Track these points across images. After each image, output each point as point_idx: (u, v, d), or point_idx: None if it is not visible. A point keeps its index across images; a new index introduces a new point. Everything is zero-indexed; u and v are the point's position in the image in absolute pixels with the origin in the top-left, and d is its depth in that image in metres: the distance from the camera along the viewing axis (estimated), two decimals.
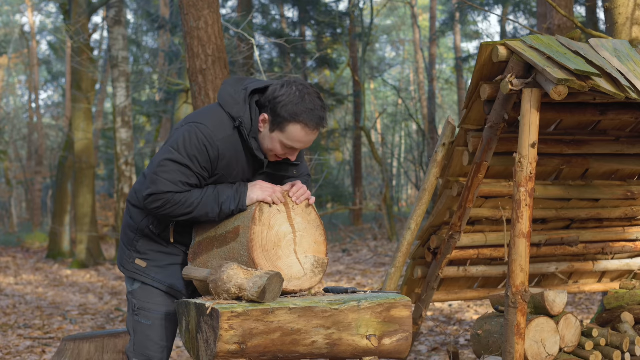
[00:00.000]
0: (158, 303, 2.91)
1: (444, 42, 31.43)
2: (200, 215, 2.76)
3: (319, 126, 2.73)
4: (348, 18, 18.49)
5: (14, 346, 6.11)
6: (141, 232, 2.92)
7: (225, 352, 2.42)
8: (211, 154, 2.73)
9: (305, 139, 2.74)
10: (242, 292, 2.51)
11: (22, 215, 29.98)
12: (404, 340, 2.66)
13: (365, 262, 12.06)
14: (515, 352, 3.36)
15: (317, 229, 2.82)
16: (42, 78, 31.51)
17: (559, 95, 3.17)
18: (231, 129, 2.76)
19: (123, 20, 13.03)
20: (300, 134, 2.71)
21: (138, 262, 2.93)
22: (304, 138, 2.73)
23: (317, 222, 2.83)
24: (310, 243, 2.79)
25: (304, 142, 2.75)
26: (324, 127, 2.81)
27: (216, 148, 2.73)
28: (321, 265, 2.79)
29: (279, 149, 2.77)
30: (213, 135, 2.73)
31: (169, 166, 2.71)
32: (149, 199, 2.74)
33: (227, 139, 2.75)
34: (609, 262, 5.06)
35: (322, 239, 2.83)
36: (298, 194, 2.81)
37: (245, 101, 2.78)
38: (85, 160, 13.96)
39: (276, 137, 2.75)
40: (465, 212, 4.19)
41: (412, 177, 24.56)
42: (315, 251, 2.79)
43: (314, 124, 2.71)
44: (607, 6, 4.86)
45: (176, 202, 2.73)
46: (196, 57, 5.57)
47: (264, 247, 2.68)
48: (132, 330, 2.93)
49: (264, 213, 2.72)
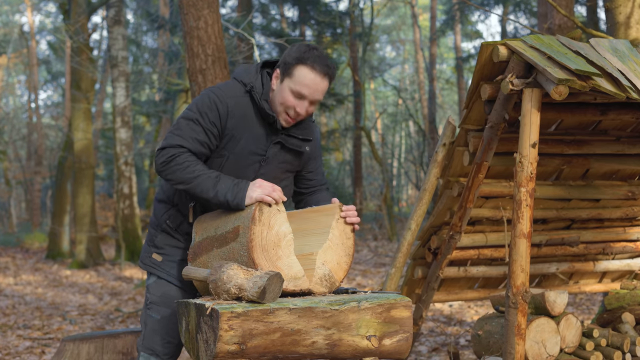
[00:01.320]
0: (171, 297, 2.95)
1: (444, 42, 31.44)
2: (195, 191, 2.74)
3: (327, 74, 2.78)
4: (348, 18, 18.50)
5: (14, 346, 6.11)
6: (160, 227, 2.99)
7: (225, 353, 2.41)
8: (221, 110, 2.79)
9: (313, 84, 2.76)
10: (242, 292, 2.50)
11: (21, 215, 29.98)
12: (404, 340, 2.66)
13: (365, 262, 12.06)
14: (516, 352, 3.36)
15: (346, 255, 2.83)
16: (42, 78, 31.52)
17: (559, 95, 3.16)
18: (242, 93, 2.85)
19: (123, 20, 13.03)
20: (308, 76, 2.75)
21: (154, 257, 2.99)
22: (312, 82, 2.76)
23: (349, 250, 2.84)
24: (334, 260, 2.81)
25: (312, 87, 2.76)
26: (331, 77, 2.82)
27: (225, 105, 2.80)
28: (331, 282, 2.78)
29: (290, 99, 2.78)
30: (224, 94, 2.82)
31: (181, 123, 2.80)
32: (160, 153, 2.76)
33: (238, 99, 2.83)
34: (609, 263, 5.05)
35: (345, 267, 2.84)
36: (350, 213, 2.82)
37: (257, 71, 2.89)
38: (84, 160, 13.95)
39: (286, 85, 2.79)
40: (465, 212, 4.18)
41: (412, 177, 24.57)
42: (334, 270, 2.81)
43: (321, 68, 2.76)
44: (608, 6, 4.86)
45: (181, 162, 2.73)
46: (196, 57, 5.56)
47: (263, 247, 2.66)
48: (144, 323, 3.00)
49: (263, 213, 2.69)
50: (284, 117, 2.85)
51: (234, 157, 2.86)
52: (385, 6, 24.39)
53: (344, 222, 2.82)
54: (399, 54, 34.67)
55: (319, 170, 3.10)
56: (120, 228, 13.42)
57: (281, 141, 2.90)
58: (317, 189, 3.12)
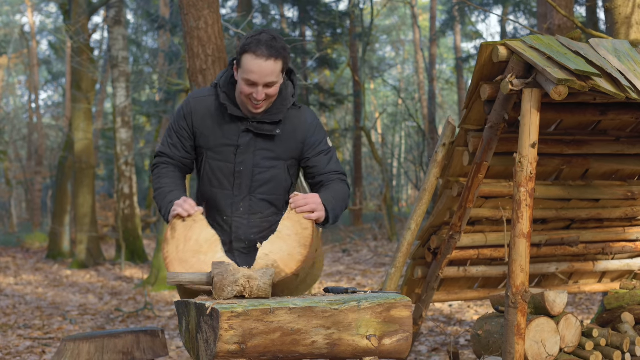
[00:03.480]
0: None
1: (444, 42, 31.44)
2: (156, 202, 3.06)
3: (271, 55, 2.83)
4: (348, 18, 18.49)
5: (14, 346, 6.11)
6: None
7: (225, 352, 2.42)
8: (185, 111, 3.04)
9: (258, 69, 2.82)
10: (251, 281, 2.54)
11: (22, 215, 29.99)
12: (404, 340, 2.66)
13: (365, 262, 12.06)
14: (516, 352, 3.36)
15: (300, 246, 2.78)
16: (42, 78, 31.52)
17: (559, 95, 3.17)
18: (208, 91, 3.06)
19: (123, 21, 13.03)
20: (252, 62, 2.82)
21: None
22: (257, 67, 2.82)
23: (305, 241, 2.79)
24: (283, 251, 2.77)
25: (258, 72, 2.83)
26: (279, 56, 2.85)
27: (188, 106, 3.04)
28: (269, 275, 2.64)
29: (245, 88, 2.89)
30: (190, 96, 3.08)
31: (166, 131, 3.13)
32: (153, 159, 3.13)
33: (202, 99, 3.04)
34: (609, 263, 5.06)
35: (300, 257, 2.77)
36: (298, 202, 2.86)
37: (229, 66, 3.04)
38: (85, 161, 13.96)
39: (239, 76, 2.91)
40: (465, 212, 4.18)
41: (412, 177, 24.57)
42: (283, 261, 2.76)
43: (263, 52, 2.81)
44: (607, 6, 4.86)
45: (156, 173, 3.08)
46: (196, 57, 5.56)
47: (181, 259, 2.77)
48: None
49: (176, 230, 2.84)
50: (251, 105, 2.93)
51: (211, 151, 3.04)
52: (385, 6, 24.38)
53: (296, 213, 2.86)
54: (399, 54, 34.66)
55: (320, 159, 3.05)
56: (121, 228, 13.43)
57: (250, 128, 2.98)
58: (323, 179, 3.06)
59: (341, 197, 3.03)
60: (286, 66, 2.91)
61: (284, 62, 2.88)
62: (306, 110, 3.07)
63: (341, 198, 3.03)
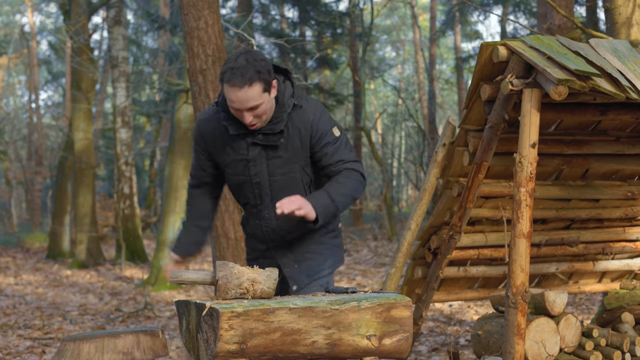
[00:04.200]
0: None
1: (444, 42, 31.44)
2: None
3: (244, 83, 2.86)
4: (348, 18, 18.49)
5: (14, 346, 6.11)
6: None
7: (225, 352, 2.42)
8: (196, 133, 3.18)
9: (236, 97, 2.89)
10: (255, 285, 2.55)
11: (22, 215, 29.99)
12: (404, 340, 2.66)
13: (365, 262, 12.06)
14: (516, 352, 3.36)
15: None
16: (42, 78, 31.51)
17: (559, 95, 3.17)
18: (214, 110, 3.15)
19: (123, 21, 13.04)
20: (230, 93, 2.89)
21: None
22: (234, 96, 2.89)
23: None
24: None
25: (236, 100, 2.90)
26: (255, 80, 2.88)
27: (198, 127, 3.17)
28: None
29: (234, 112, 2.97)
30: (199, 118, 3.20)
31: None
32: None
33: (208, 119, 3.15)
34: (609, 263, 5.06)
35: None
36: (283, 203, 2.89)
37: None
38: (85, 161, 13.95)
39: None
40: (465, 212, 4.18)
41: (412, 177, 24.56)
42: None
43: (237, 81, 2.86)
44: (607, 6, 4.86)
45: (187, 200, 3.34)
46: (196, 57, 5.56)
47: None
48: None
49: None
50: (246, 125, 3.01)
51: (227, 167, 3.16)
52: (385, 6, 24.38)
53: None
54: (399, 54, 34.66)
55: (327, 151, 3.06)
56: (121, 228, 13.43)
57: (256, 142, 3.05)
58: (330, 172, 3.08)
59: (343, 189, 3.03)
60: (268, 85, 2.93)
61: (263, 83, 2.91)
62: (308, 107, 3.08)
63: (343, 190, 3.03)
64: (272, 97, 2.98)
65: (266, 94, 2.93)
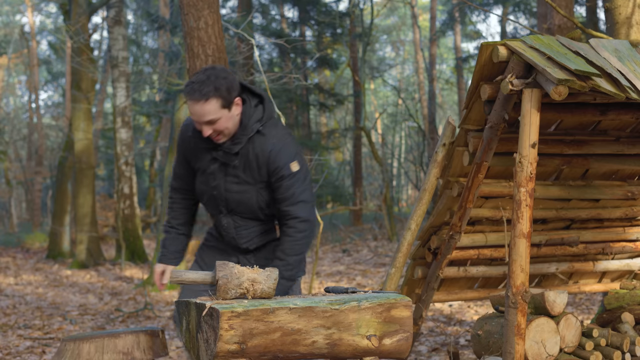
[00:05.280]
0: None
1: (444, 42, 31.44)
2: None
3: (201, 98, 2.97)
4: (348, 18, 18.49)
5: (14, 346, 6.11)
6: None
7: (225, 352, 2.42)
8: (178, 138, 3.32)
9: (194, 110, 3.02)
10: (255, 285, 2.55)
11: (22, 215, 29.98)
12: (404, 340, 2.66)
13: (365, 262, 12.06)
14: (516, 352, 3.36)
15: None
16: (42, 78, 31.51)
17: (559, 95, 3.17)
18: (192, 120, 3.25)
19: (123, 20, 13.04)
20: (189, 106, 3.02)
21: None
22: (194, 112, 3.02)
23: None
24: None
25: (194, 114, 3.03)
26: (212, 95, 2.98)
27: (180, 132, 3.30)
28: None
29: (197, 126, 3.10)
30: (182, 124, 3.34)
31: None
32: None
33: (188, 125, 3.28)
34: (609, 263, 5.06)
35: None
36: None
37: None
38: (85, 161, 13.95)
39: None
40: (465, 213, 4.18)
41: (412, 177, 24.56)
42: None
43: (193, 96, 2.99)
44: (607, 6, 4.86)
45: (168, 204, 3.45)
46: (196, 57, 5.57)
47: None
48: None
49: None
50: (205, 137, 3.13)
51: (197, 174, 3.29)
52: (385, 6, 24.38)
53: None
54: (399, 54, 34.66)
55: (281, 185, 3.11)
56: (121, 228, 13.42)
57: (216, 157, 3.16)
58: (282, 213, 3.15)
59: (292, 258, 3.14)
60: (227, 101, 3.01)
61: (221, 99, 3.00)
62: (271, 137, 3.11)
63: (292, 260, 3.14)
64: (233, 114, 3.05)
65: (225, 110, 3.02)
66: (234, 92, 3.04)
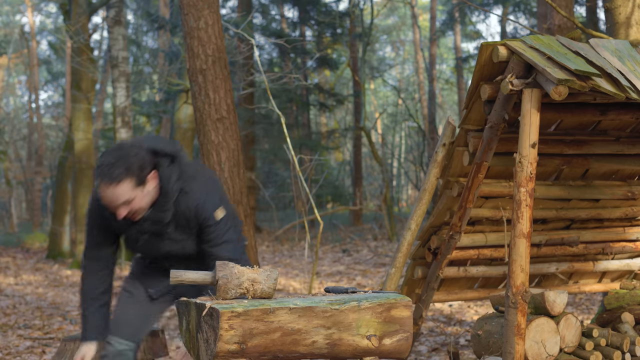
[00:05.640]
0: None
1: (444, 42, 31.44)
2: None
3: (111, 183, 2.87)
4: (348, 18, 18.49)
5: (14, 346, 6.11)
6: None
7: (225, 352, 2.42)
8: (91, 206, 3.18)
9: (105, 194, 2.90)
10: (255, 285, 2.55)
11: (22, 215, 29.98)
12: (404, 340, 2.66)
13: (365, 262, 12.06)
14: (516, 352, 3.36)
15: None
16: (42, 78, 31.51)
17: (559, 95, 3.17)
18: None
19: (123, 21, 13.03)
20: (99, 189, 2.91)
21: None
22: (103, 193, 2.90)
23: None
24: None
25: (106, 198, 2.91)
26: (119, 182, 2.88)
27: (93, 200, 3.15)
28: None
29: (108, 207, 2.98)
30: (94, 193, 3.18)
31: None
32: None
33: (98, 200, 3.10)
34: (609, 263, 5.06)
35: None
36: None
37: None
38: (85, 161, 13.95)
39: None
40: (465, 213, 4.18)
41: (412, 177, 24.56)
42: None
43: (103, 181, 2.88)
44: (607, 6, 4.86)
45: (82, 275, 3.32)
46: (196, 57, 5.56)
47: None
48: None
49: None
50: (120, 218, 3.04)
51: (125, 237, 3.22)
52: (385, 6, 24.39)
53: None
54: (399, 54, 34.66)
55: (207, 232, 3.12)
56: None
57: (144, 230, 3.11)
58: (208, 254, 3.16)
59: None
60: (141, 179, 2.92)
61: (134, 179, 2.90)
62: (193, 192, 3.07)
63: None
64: (148, 190, 2.96)
65: (139, 189, 2.92)
66: (146, 169, 2.93)
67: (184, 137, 12.01)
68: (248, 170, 16.55)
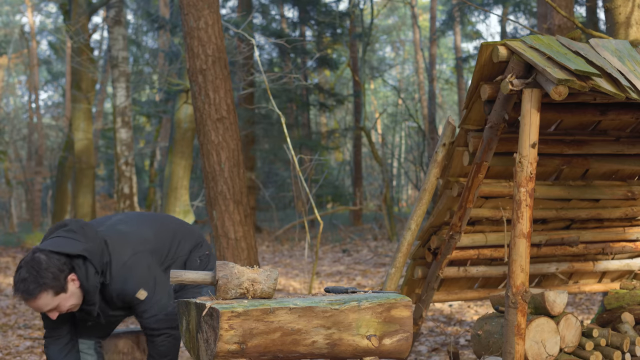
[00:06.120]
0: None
1: (444, 42, 31.44)
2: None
3: (29, 297, 2.93)
4: (348, 18, 18.49)
5: (14, 346, 6.11)
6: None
7: (225, 352, 2.42)
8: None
9: (32, 307, 3.00)
10: (255, 284, 2.55)
11: (22, 215, 29.98)
12: (404, 340, 2.66)
13: (365, 262, 12.06)
14: (516, 352, 3.36)
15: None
16: (42, 78, 31.52)
17: (559, 95, 3.17)
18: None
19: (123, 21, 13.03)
20: (25, 304, 3.00)
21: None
22: (29, 306, 2.99)
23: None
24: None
25: (34, 308, 3.00)
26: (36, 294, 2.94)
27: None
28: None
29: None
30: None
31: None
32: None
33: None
34: (609, 263, 5.06)
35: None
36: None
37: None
38: (85, 161, 13.96)
39: None
40: (465, 213, 4.18)
41: (412, 177, 24.56)
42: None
43: (23, 295, 2.93)
44: (607, 6, 4.86)
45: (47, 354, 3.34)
46: (196, 57, 5.57)
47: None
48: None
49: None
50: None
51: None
52: (385, 6, 24.39)
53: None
54: (399, 54, 34.67)
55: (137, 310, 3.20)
56: None
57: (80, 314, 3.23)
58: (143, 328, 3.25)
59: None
60: (58, 287, 2.96)
61: (50, 289, 2.95)
62: (113, 281, 3.13)
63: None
64: (72, 291, 3.02)
65: (60, 295, 2.99)
66: (62, 275, 2.96)
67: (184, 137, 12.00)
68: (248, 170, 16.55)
